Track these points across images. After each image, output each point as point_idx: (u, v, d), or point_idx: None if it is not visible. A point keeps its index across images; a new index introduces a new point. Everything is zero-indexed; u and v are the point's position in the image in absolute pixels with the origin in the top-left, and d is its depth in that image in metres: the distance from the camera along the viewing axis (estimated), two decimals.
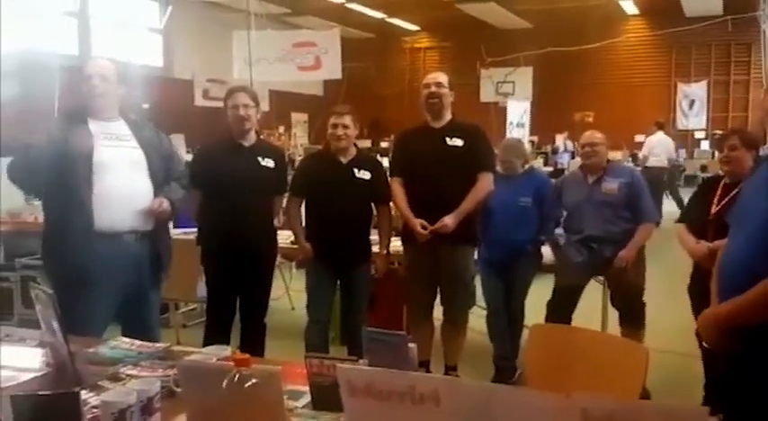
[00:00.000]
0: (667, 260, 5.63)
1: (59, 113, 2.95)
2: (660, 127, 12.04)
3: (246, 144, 3.66)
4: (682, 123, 18.16)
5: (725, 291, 1.93)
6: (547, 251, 4.30)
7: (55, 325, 1.85)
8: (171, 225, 4.81)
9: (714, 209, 3.34)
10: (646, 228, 3.97)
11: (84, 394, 1.65)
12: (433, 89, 3.77)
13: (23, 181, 2.90)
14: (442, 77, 3.83)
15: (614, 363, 2.14)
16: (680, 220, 3.67)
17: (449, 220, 3.64)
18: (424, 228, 3.67)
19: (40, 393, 1.51)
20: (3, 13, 5.44)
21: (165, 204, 2.96)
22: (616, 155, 11.73)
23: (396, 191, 3.82)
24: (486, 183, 3.78)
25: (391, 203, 3.91)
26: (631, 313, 3.96)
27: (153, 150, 3.03)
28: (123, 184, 2.89)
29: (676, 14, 16.59)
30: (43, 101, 2.94)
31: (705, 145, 17.93)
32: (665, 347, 4.31)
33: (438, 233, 3.65)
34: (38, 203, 3.15)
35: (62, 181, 2.80)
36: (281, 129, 15.75)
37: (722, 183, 3.43)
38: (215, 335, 3.52)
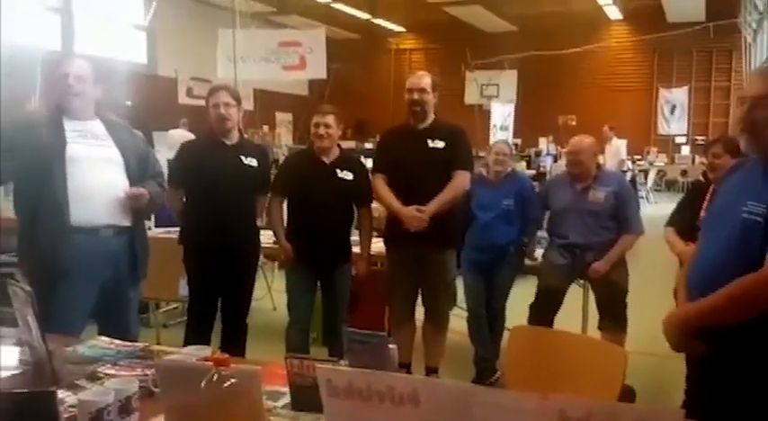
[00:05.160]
0: (649, 262, 5.69)
1: (40, 108, 2.92)
2: (615, 133, 12.12)
3: (229, 142, 3.65)
4: (663, 128, 18.36)
5: (695, 295, 1.92)
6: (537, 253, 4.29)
7: (32, 322, 1.83)
8: (152, 224, 4.79)
9: (703, 214, 3.38)
10: (627, 239, 3.94)
11: (61, 393, 1.64)
12: (416, 96, 3.72)
13: None
14: (426, 81, 3.76)
15: (593, 366, 2.16)
16: (669, 224, 3.73)
17: (425, 207, 3.60)
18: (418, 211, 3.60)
19: (17, 391, 1.49)
20: None
21: (143, 191, 2.94)
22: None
23: (379, 185, 3.78)
24: (462, 180, 3.75)
25: (373, 205, 3.90)
26: (614, 315, 3.94)
27: (129, 151, 3.01)
28: (99, 179, 2.87)
29: (659, 20, 16.77)
30: (23, 96, 2.90)
31: (686, 150, 18.15)
32: (648, 350, 4.33)
33: (419, 236, 3.62)
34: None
35: (35, 177, 2.76)
36: (266, 128, 15.69)
37: (711, 188, 3.48)
38: (196, 334, 3.50)
